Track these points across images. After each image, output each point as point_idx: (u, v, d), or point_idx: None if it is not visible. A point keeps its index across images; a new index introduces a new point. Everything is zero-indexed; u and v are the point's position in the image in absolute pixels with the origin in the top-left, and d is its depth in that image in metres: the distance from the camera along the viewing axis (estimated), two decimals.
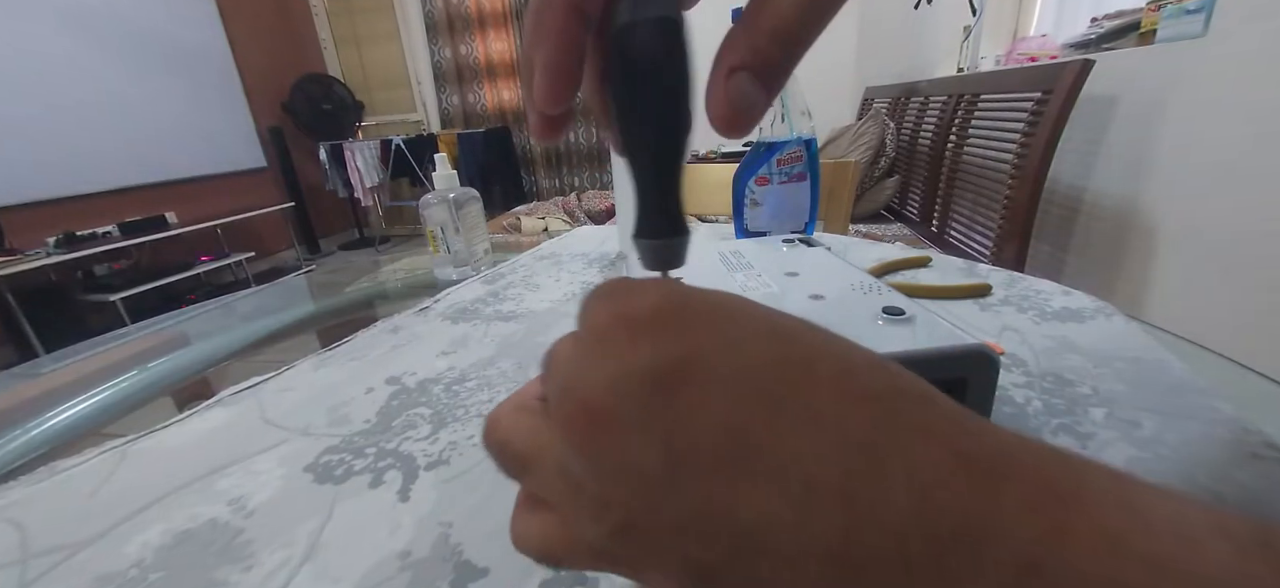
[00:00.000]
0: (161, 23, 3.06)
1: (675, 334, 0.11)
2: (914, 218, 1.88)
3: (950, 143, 1.63)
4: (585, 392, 0.12)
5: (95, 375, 0.47)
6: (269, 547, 0.24)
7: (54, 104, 2.60)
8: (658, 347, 0.11)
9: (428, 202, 0.60)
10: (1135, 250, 1.21)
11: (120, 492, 0.29)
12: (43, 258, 2.35)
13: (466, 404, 0.34)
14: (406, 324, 0.49)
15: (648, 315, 0.12)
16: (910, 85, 2.11)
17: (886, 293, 0.27)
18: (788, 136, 0.47)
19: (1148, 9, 1.19)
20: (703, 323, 0.12)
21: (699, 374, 0.11)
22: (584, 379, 0.12)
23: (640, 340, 0.11)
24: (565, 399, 0.12)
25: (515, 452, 0.14)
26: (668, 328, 0.11)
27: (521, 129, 3.97)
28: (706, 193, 1.04)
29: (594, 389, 0.11)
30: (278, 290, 0.96)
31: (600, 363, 0.12)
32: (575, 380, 0.12)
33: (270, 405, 0.36)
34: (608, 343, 0.12)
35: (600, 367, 0.12)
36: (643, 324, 0.12)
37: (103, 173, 2.80)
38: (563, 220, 2.34)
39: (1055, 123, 1.15)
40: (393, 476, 0.28)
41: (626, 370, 0.11)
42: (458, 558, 0.23)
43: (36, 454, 0.35)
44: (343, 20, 4.00)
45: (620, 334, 0.12)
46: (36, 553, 0.25)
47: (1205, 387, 0.29)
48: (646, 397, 0.11)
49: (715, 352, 0.11)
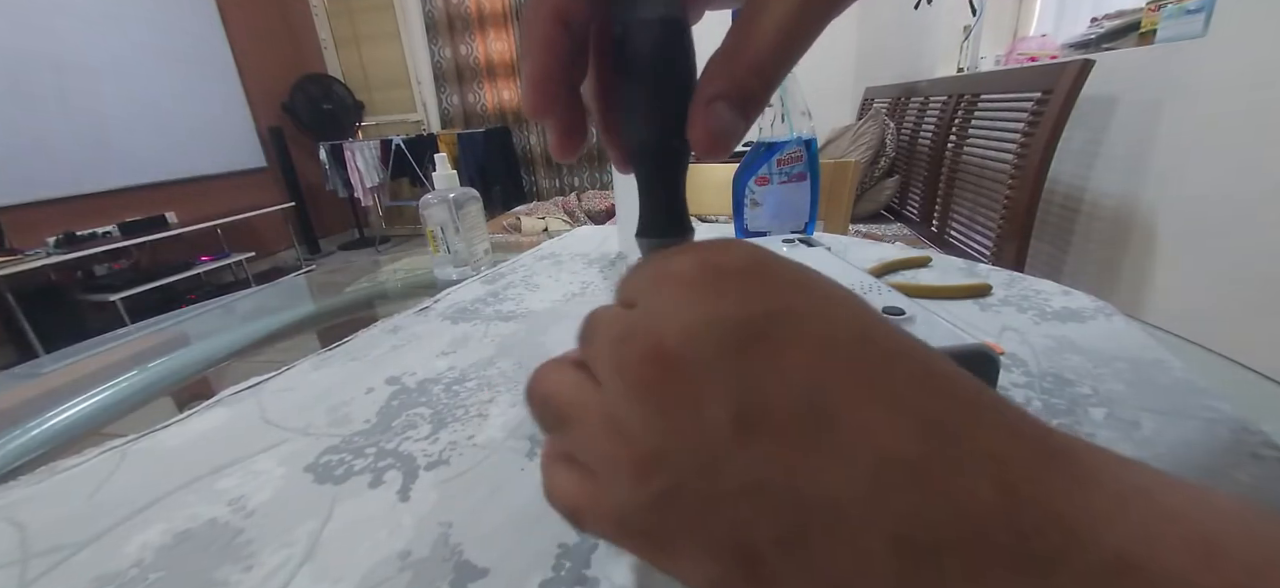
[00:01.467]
0: (162, 23, 3.06)
1: (765, 290, 0.11)
2: (914, 218, 1.88)
3: (950, 143, 1.63)
4: (661, 334, 0.11)
5: (95, 375, 0.47)
6: (269, 547, 0.24)
7: (54, 104, 2.60)
8: (746, 299, 0.11)
9: (428, 202, 0.60)
10: (1135, 250, 1.21)
11: (120, 492, 0.29)
12: (43, 258, 2.36)
13: (466, 404, 0.34)
14: (406, 324, 0.48)
15: (737, 267, 0.11)
16: (910, 85, 2.11)
17: (886, 293, 0.27)
18: (788, 136, 0.47)
19: (1148, 9, 1.19)
20: (792, 286, 0.11)
21: (785, 334, 0.10)
22: (660, 322, 0.11)
23: (727, 290, 0.11)
24: (633, 341, 0.12)
25: (558, 406, 0.14)
26: (757, 282, 0.11)
27: (521, 129, 3.97)
28: (706, 193, 1.04)
29: (671, 332, 0.11)
30: (278, 290, 0.96)
31: (682, 307, 0.11)
32: (649, 323, 0.12)
33: (270, 405, 0.36)
34: (693, 289, 0.11)
35: (682, 311, 0.11)
36: (731, 275, 0.11)
37: (103, 173, 2.80)
38: (563, 220, 2.34)
39: (1055, 123, 1.15)
40: (393, 476, 0.28)
41: (710, 317, 0.11)
42: (458, 558, 0.23)
43: (36, 454, 0.35)
44: (343, 20, 4.00)
45: (707, 281, 0.11)
46: (36, 553, 0.25)
47: (1205, 387, 0.29)
48: (727, 348, 0.10)
49: (803, 315, 0.11)
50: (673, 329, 0.11)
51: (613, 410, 0.12)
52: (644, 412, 0.11)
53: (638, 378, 0.11)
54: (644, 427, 0.11)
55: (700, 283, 0.11)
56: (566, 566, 0.22)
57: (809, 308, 0.11)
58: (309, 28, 4.00)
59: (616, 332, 0.12)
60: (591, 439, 0.13)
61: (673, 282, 0.12)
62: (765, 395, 0.10)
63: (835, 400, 0.10)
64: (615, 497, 0.12)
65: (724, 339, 0.10)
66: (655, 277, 0.13)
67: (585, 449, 0.13)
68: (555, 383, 0.14)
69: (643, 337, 0.11)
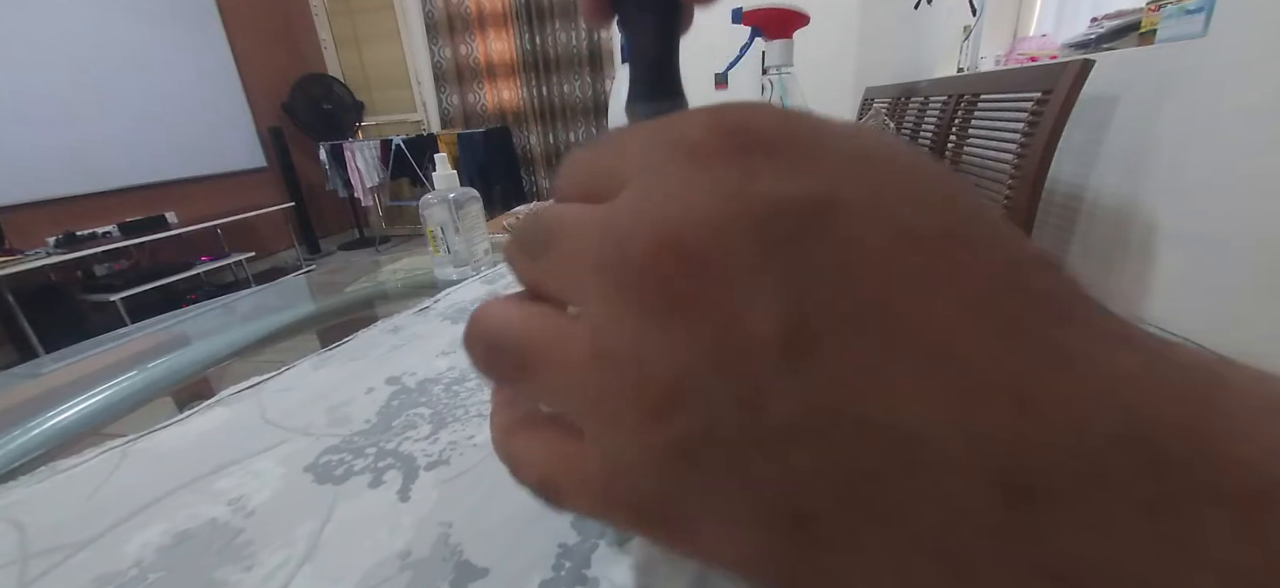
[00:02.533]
0: (162, 22, 3.06)
1: (814, 165, 0.08)
2: None
3: (950, 143, 1.63)
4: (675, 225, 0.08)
5: (95, 375, 0.47)
6: (269, 547, 0.24)
7: (54, 104, 2.60)
8: (791, 177, 0.08)
9: (428, 202, 0.60)
10: (1135, 250, 1.21)
11: (120, 492, 0.29)
12: (43, 258, 2.35)
13: (466, 404, 0.34)
14: (406, 324, 0.48)
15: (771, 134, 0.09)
16: (910, 85, 2.10)
17: None
18: None
19: (1148, 9, 1.19)
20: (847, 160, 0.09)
21: (841, 222, 0.08)
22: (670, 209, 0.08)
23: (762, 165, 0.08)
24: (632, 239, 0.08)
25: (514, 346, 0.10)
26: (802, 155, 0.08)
27: (522, 129, 3.97)
28: None
29: (691, 222, 0.08)
30: (278, 290, 0.96)
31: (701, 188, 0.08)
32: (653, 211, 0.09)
33: (270, 405, 0.36)
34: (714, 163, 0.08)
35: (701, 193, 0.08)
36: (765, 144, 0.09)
37: (103, 173, 2.80)
38: None
39: (1055, 123, 1.15)
40: (393, 476, 0.28)
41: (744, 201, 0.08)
42: (458, 558, 0.23)
43: (36, 454, 0.35)
44: (343, 20, 4.00)
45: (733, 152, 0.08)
46: (36, 553, 0.25)
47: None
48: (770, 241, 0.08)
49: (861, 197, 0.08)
50: (692, 218, 0.08)
51: (603, 338, 0.09)
52: (655, 332, 0.08)
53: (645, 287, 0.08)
54: (656, 353, 0.08)
55: (723, 154, 0.08)
56: (566, 566, 0.22)
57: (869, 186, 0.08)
58: (309, 28, 4.00)
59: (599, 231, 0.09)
60: (571, 382, 0.09)
61: (683, 154, 0.09)
62: (823, 303, 0.08)
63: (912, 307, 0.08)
64: (611, 454, 0.09)
65: (765, 230, 0.08)
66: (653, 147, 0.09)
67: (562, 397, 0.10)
68: (505, 319, 0.11)
69: (647, 230, 0.08)
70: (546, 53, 3.72)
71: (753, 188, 0.08)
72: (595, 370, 0.09)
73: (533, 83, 3.80)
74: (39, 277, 2.38)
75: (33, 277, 2.33)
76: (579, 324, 0.09)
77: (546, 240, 0.10)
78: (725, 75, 3.49)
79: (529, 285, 0.11)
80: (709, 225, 0.08)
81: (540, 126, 3.92)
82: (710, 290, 0.08)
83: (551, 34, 3.67)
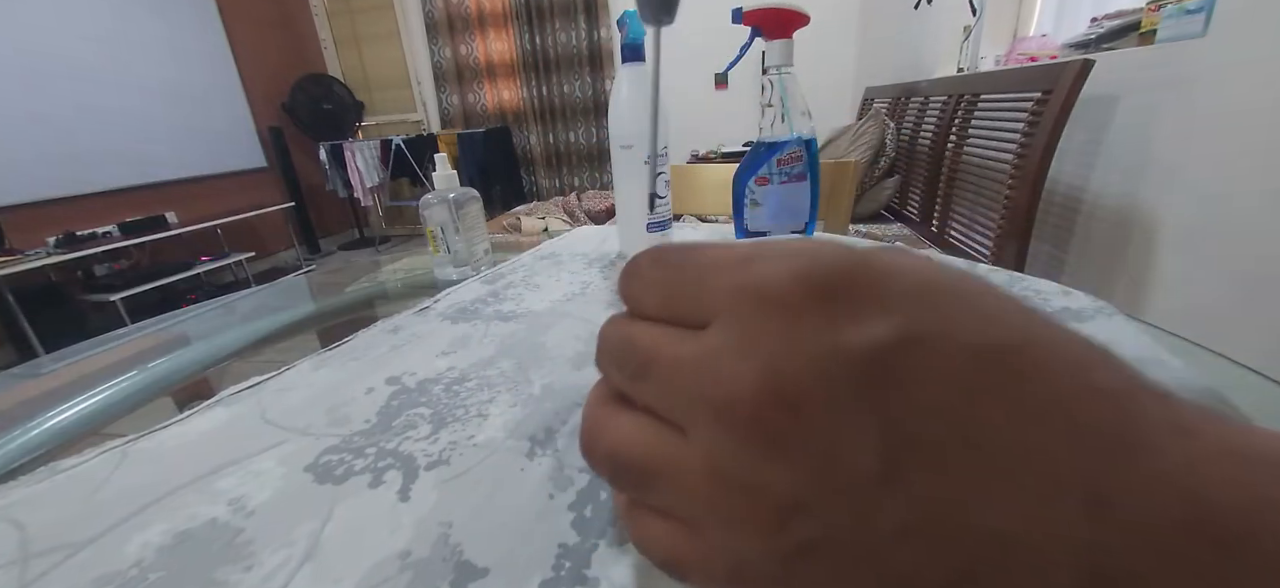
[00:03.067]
0: (162, 23, 3.06)
1: (884, 308, 0.10)
2: (914, 218, 1.88)
3: (950, 143, 1.63)
4: (775, 374, 0.10)
5: (95, 375, 0.47)
6: (269, 547, 0.24)
7: (54, 104, 2.60)
8: (866, 324, 0.09)
9: (428, 202, 0.60)
10: (1135, 250, 1.21)
11: (120, 492, 0.29)
12: (43, 258, 2.35)
13: (466, 404, 0.34)
14: (406, 324, 0.48)
15: (843, 280, 0.10)
16: (910, 85, 2.11)
17: None
18: (788, 136, 0.47)
19: (1148, 9, 1.19)
20: (913, 297, 0.10)
21: (919, 355, 0.09)
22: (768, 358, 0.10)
23: (841, 316, 0.10)
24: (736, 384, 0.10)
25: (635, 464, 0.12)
26: (873, 300, 0.10)
27: (521, 129, 3.97)
28: (706, 193, 1.04)
29: (790, 372, 0.09)
30: (278, 290, 0.96)
31: (793, 338, 0.10)
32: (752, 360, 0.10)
33: (270, 405, 0.36)
34: (799, 314, 0.10)
35: (794, 342, 0.10)
36: (839, 290, 0.10)
37: (103, 173, 2.80)
38: (563, 220, 2.34)
39: (1055, 123, 1.15)
40: (393, 476, 0.28)
41: (834, 349, 0.09)
42: (458, 558, 0.23)
43: (36, 454, 0.35)
44: (343, 20, 4.00)
45: (814, 302, 0.10)
46: (36, 553, 0.25)
47: (1205, 387, 0.29)
48: (860, 383, 0.09)
49: (933, 331, 0.09)
50: (792, 369, 0.10)
51: (720, 463, 0.10)
52: (770, 464, 0.10)
53: (755, 428, 0.10)
54: (773, 479, 0.10)
55: (806, 305, 0.10)
56: (566, 566, 0.22)
57: (939, 321, 0.10)
58: (309, 28, 4.01)
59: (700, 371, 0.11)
60: (694, 495, 0.11)
61: (770, 304, 0.10)
62: (912, 429, 0.09)
63: (994, 422, 0.09)
64: (736, 552, 0.11)
65: (853, 376, 0.09)
66: (740, 294, 0.11)
67: (685, 504, 0.12)
68: (620, 437, 0.12)
69: (753, 380, 0.10)
70: (546, 53, 3.72)
71: (838, 340, 0.09)
72: (713, 488, 0.11)
73: (533, 83, 3.80)
74: (39, 277, 2.38)
75: (33, 277, 2.33)
76: (692, 448, 0.11)
77: (644, 368, 0.12)
78: (725, 75, 3.50)
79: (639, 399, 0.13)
80: (805, 377, 0.09)
81: (540, 126, 3.92)
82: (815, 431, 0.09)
83: (551, 34, 3.67)
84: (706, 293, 0.11)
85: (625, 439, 0.12)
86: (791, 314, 0.10)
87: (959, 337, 0.09)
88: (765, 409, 0.10)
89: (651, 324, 0.13)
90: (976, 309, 0.10)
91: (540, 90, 3.83)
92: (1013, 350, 0.09)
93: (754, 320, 0.10)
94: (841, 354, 0.09)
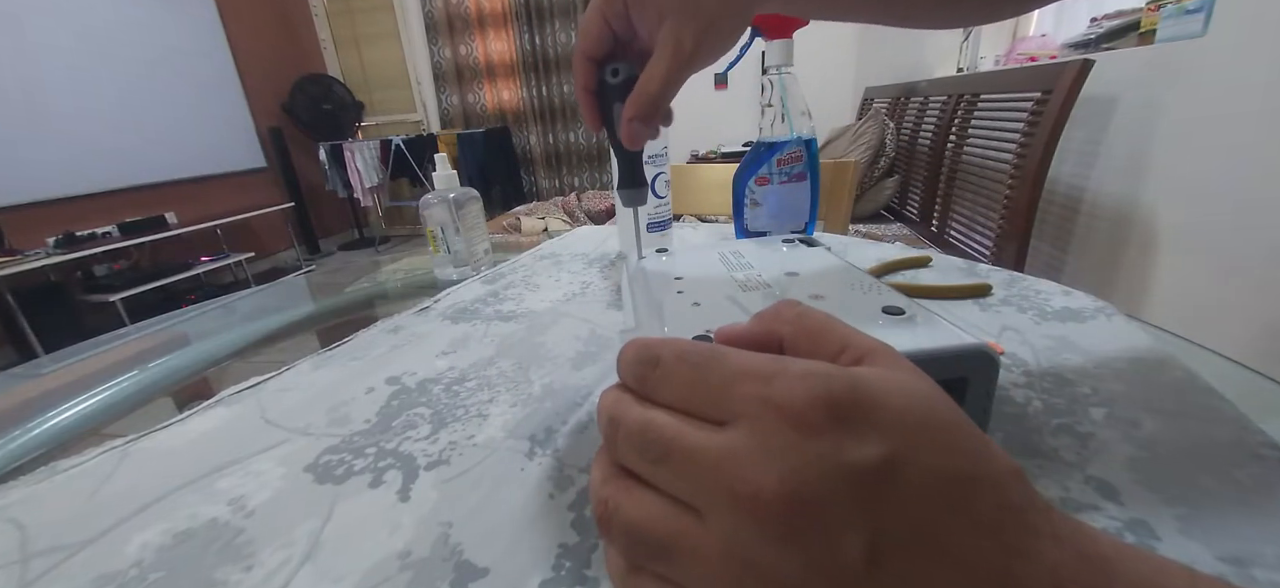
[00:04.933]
0: (162, 23, 3.06)
1: (880, 431, 0.12)
2: (914, 218, 1.88)
3: (950, 143, 1.63)
4: (793, 477, 0.12)
5: (95, 375, 0.47)
6: (269, 547, 0.24)
7: (54, 104, 2.60)
8: (868, 442, 0.12)
9: (428, 202, 0.60)
10: (1135, 250, 1.21)
11: (120, 492, 0.29)
12: (43, 258, 2.35)
13: (466, 404, 0.34)
14: (406, 324, 0.49)
15: (850, 405, 0.13)
16: (910, 85, 2.11)
17: (886, 293, 0.27)
18: (788, 136, 0.47)
19: (1148, 9, 1.19)
20: (898, 423, 0.13)
21: (902, 474, 0.12)
22: (787, 463, 0.12)
23: (847, 435, 0.12)
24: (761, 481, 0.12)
25: (653, 539, 0.14)
26: (870, 425, 0.12)
27: (521, 129, 3.97)
28: (706, 193, 1.04)
29: (806, 478, 0.12)
30: (278, 290, 0.96)
31: (808, 450, 0.12)
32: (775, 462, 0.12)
33: (270, 405, 0.36)
34: (814, 430, 0.12)
35: (808, 453, 0.12)
36: (847, 413, 0.12)
37: (103, 173, 2.80)
38: (563, 220, 2.34)
39: (1055, 123, 1.15)
40: (393, 475, 0.28)
41: (839, 464, 0.12)
42: (458, 558, 0.23)
43: (36, 454, 0.35)
44: (343, 20, 4.00)
45: (827, 422, 0.12)
46: (36, 553, 0.25)
47: (1205, 386, 0.29)
48: (858, 491, 0.12)
49: (913, 455, 0.12)
50: (807, 475, 0.12)
51: (737, 546, 0.13)
52: (781, 550, 0.12)
53: (773, 520, 0.12)
54: (782, 562, 0.12)
55: (819, 424, 0.12)
56: (567, 566, 0.22)
57: (916, 446, 0.13)
58: (309, 28, 4.00)
59: (721, 465, 0.13)
60: (707, 570, 0.13)
61: (791, 419, 0.13)
62: (890, 530, 0.12)
63: (943, 534, 0.12)
64: None
65: (854, 483, 0.12)
66: (763, 406, 0.13)
67: (697, 579, 0.14)
68: (640, 514, 0.14)
69: (775, 479, 0.12)
70: (546, 53, 3.72)
71: (842, 457, 0.12)
72: (726, 567, 0.13)
73: (532, 83, 3.80)
74: (39, 277, 2.38)
75: (32, 277, 2.33)
76: (709, 529, 0.13)
77: (664, 454, 0.14)
78: (725, 75, 3.49)
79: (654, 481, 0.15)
80: (817, 482, 0.12)
81: (540, 127, 3.92)
82: (819, 527, 0.12)
83: (551, 34, 3.67)
84: (730, 397, 0.14)
85: (645, 516, 0.14)
86: (807, 430, 0.12)
87: (931, 464, 0.12)
88: (784, 505, 0.12)
89: (670, 413, 0.15)
90: (946, 442, 0.13)
91: (540, 90, 3.82)
92: (960, 475, 0.13)
93: (777, 431, 0.13)
94: (845, 468, 0.12)
